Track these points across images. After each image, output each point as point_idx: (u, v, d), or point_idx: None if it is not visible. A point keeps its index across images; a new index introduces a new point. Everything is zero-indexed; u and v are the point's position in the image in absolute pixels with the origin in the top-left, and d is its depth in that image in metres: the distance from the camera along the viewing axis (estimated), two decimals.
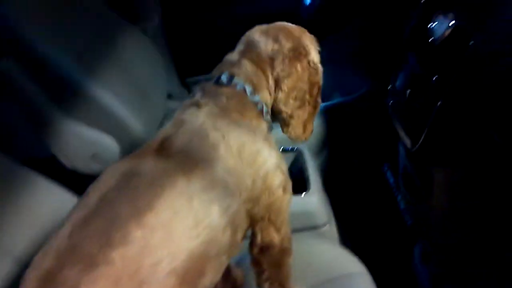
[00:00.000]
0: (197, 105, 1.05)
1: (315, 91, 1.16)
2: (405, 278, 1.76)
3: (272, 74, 1.13)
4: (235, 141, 0.99)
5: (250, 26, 1.21)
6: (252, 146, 1.01)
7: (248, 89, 1.09)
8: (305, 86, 1.13)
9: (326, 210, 1.46)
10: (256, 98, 1.10)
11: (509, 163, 1.04)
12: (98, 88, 1.61)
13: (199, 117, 1.02)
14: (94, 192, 0.89)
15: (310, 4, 2.19)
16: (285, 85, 1.11)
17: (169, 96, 2.43)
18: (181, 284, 0.84)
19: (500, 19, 1.08)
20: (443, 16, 1.25)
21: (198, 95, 1.09)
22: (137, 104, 1.83)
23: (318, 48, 1.21)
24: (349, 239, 1.61)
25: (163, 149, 0.97)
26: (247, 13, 2.57)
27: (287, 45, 1.13)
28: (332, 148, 2.03)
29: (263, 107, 1.11)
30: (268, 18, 1.16)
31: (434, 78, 1.24)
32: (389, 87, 1.55)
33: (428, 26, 1.29)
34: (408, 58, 1.42)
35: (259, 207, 1.02)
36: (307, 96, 1.14)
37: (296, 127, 1.15)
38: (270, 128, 1.13)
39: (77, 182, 1.58)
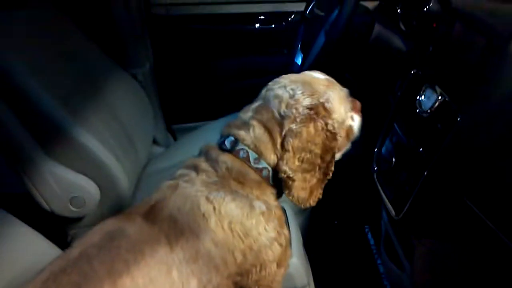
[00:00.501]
0: (196, 169, 1.04)
1: (328, 157, 1.06)
2: None
3: (280, 134, 1.04)
4: (227, 214, 0.97)
5: (239, 79, 1.20)
6: (245, 221, 0.98)
7: (252, 156, 1.04)
8: (317, 149, 1.03)
9: (305, 271, 1.44)
10: (261, 164, 1.04)
11: (489, 239, 1.04)
12: (82, 131, 1.60)
13: (195, 185, 1.01)
14: (77, 247, 0.90)
15: (301, 64, 2.24)
16: (290, 144, 1.01)
17: (154, 141, 2.43)
18: None
19: (486, 97, 1.11)
20: (431, 89, 1.28)
21: (200, 159, 1.08)
22: (121, 149, 1.82)
23: (350, 107, 1.18)
24: None
25: (152, 213, 0.97)
26: (238, 67, 2.62)
27: (304, 101, 1.05)
28: (314, 207, 2.02)
29: (269, 172, 1.05)
30: (258, 74, 1.18)
31: (420, 149, 1.26)
32: (374, 153, 1.56)
33: (417, 98, 1.32)
34: (395, 126, 1.44)
35: (248, 279, 0.99)
36: (319, 161, 1.04)
37: (299, 190, 1.04)
38: (279, 192, 1.09)
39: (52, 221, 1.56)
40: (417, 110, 1.31)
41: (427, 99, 1.28)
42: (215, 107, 2.59)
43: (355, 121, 1.21)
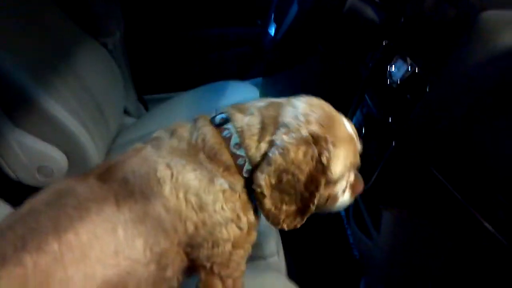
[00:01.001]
0: (172, 133, 1.02)
1: (312, 188, 0.96)
2: None
3: (270, 135, 0.97)
4: (184, 184, 0.94)
5: (212, 50, 1.16)
6: (202, 194, 0.94)
7: (234, 140, 0.98)
8: (301, 176, 0.94)
9: (274, 240, 1.45)
10: (240, 152, 0.98)
11: (454, 208, 1.07)
12: (50, 100, 1.57)
13: (160, 149, 0.98)
14: (27, 204, 0.91)
15: (274, 35, 2.22)
16: (273, 159, 0.93)
17: (125, 112, 2.40)
18: None
19: (455, 69, 1.12)
20: (402, 60, 1.29)
21: (186, 124, 1.04)
22: (91, 119, 1.80)
23: (349, 179, 1.06)
24: (296, 271, 1.60)
25: (107, 173, 0.95)
26: (211, 38, 2.59)
27: (313, 126, 0.96)
28: None
29: (245, 163, 0.98)
30: (230, 43, 1.15)
31: (389, 120, 1.27)
32: None
33: (388, 69, 1.32)
34: (366, 97, 1.45)
35: (199, 254, 0.97)
36: (302, 188, 0.95)
37: (271, 207, 0.97)
38: (249, 188, 1.00)
39: (20, 193, 1.53)
40: (388, 81, 1.32)
41: (398, 70, 1.28)
42: (188, 78, 2.57)
43: (343, 197, 1.08)
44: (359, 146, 1.06)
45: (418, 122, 1.17)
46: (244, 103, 1.06)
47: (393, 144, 1.22)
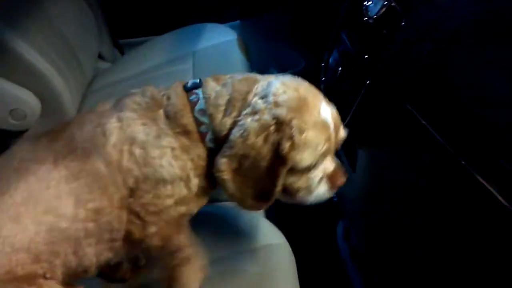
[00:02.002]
0: (143, 93, 0.99)
1: (272, 176, 0.91)
2: (327, 253, 1.81)
3: (237, 113, 0.93)
4: (130, 136, 0.92)
5: None
6: (149, 149, 0.92)
7: (200, 105, 0.96)
8: (262, 163, 0.90)
9: None
10: (203, 118, 0.95)
11: (429, 145, 1.07)
12: (22, 43, 1.54)
13: (120, 105, 0.97)
14: None
15: None
16: (234, 143, 0.90)
17: (100, 57, 2.35)
18: (33, 261, 0.86)
19: (430, 2, 1.10)
20: None
21: (158, 88, 1.01)
22: (64, 63, 1.76)
23: (326, 170, 1.00)
24: (274, 211, 1.62)
25: (58, 133, 0.95)
26: None
27: (278, 110, 0.90)
28: None
29: (207, 132, 0.96)
30: None
31: (365, 56, 1.26)
32: (322, 65, 1.55)
33: (364, 4, 1.30)
34: (342, 35, 1.43)
35: (138, 203, 0.94)
36: (263, 175, 0.91)
37: (232, 190, 0.94)
38: (211, 159, 0.96)
39: None
40: (364, 17, 1.30)
41: (374, 5, 1.26)
42: (164, 21, 2.50)
43: (319, 188, 1.01)
44: (341, 133, 1.02)
45: (394, 57, 1.16)
46: (224, 75, 1.01)
47: (368, 81, 1.21)
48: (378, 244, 1.52)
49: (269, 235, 1.24)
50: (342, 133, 1.02)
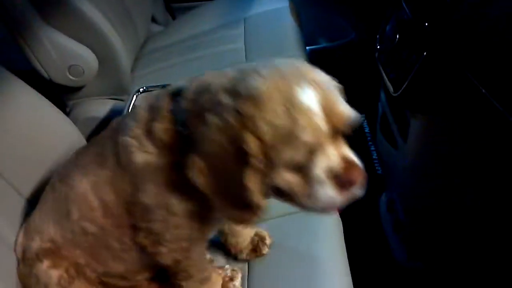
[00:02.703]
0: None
1: (240, 178, 0.76)
2: (369, 224, 1.81)
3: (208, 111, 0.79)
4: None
5: None
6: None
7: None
8: (229, 162, 0.77)
9: None
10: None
11: (486, 112, 1.05)
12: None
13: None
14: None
15: None
16: (200, 141, 0.79)
17: (153, 20, 2.38)
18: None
19: None
20: None
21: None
22: (120, 22, 1.79)
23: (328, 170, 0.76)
24: None
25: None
26: None
27: (242, 103, 0.75)
28: None
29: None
30: None
31: (426, 24, 1.23)
32: (378, 33, 1.53)
33: None
34: (402, 3, 1.40)
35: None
36: (235, 178, 0.77)
37: (212, 196, 0.82)
38: None
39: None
40: None
41: None
42: None
43: (323, 191, 0.77)
44: (340, 116, 0.76)
45: (456, 25, 1.13)
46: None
47: (428, 48, 1.19)
48: (425, 217, 1.51)
49: None
50: (344, 115, 0.77)
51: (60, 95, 1.75)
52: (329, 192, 0.76)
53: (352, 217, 1.34)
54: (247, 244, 1.15)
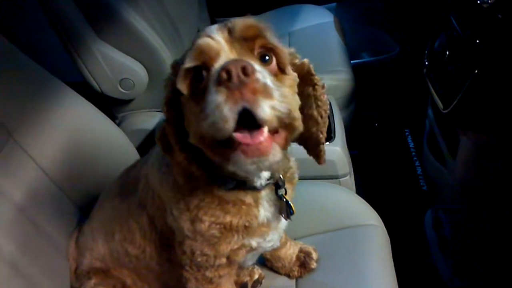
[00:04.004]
0: None
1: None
2: (416, 239, 1.79)
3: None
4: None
5: None
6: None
7: None
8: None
9: (347, 163, 1.47)
10: None
11: None
12: (133, 13, 1.60)
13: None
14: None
15: None
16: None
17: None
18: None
19: None
20: None
21: None
22: (168, 36, 1.83)
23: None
24: (364, 194, 1.62)
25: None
26: None
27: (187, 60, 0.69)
28: (358, 105, 2.03)
29: None
30: None
31: (477, 41, 1.22)
32: (426, 48, 1.52)
33: None
34: (451, 19, 1.39)
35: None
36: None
37: None
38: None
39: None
40: (478, 1, 1.26)
41: None
42: (260, 1, 2.53)
43: (209, 98, 0.64)
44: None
45: (509, 42, 1.12)
46: None
47: (480, 65, 1.18)
48: (472, 236, 1.48)
49: (366, 216, 1.25)
50: (243, 23, 0.69)
51: (110, 108, 1.79)
52: (211, 96, 0.63)
53: (397, 232, 1.33)
54: (294, 262, 1.15)
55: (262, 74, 0.63)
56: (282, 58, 0.73)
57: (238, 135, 0.62)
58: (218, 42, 0.68)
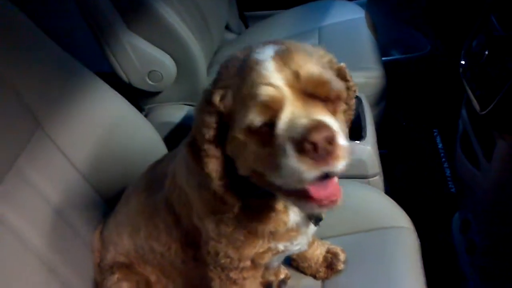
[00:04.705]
0: None
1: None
2: (442, 241, 1.75)
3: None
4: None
5: None
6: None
7: None
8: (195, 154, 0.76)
9: (377, 163, 1.44)
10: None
11: None
12: (165, 7, 1.60)
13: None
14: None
15: None
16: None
17: (227, 28, 2.40)
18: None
19: None
20: None
21: None
22: (198, 29, 1.82)
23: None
24: (392, 194, 1.59)
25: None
26: None
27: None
28: (389, 103, 1.99)
29: None
30: None
31: None
32: (463, 47, 1.47)
33: None
34: (491, 18, 1.34)
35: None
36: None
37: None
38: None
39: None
40: None
41: None
42: None
43: (286, 166, 0.64)
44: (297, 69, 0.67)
45: None
46: None
47: None
48: (503, 242, 1.44)
49: (396, 217, 1.22)
50: (310, 75, 0.67)
51: (137, 99, 1.79)
52: (291, 160, 0.63)
53: (424, 234, 1.30)
54: (321, 263, 1.13)
55: (339, 133, 0.64)
56: (342, 99, 0.73)
57: (313, 190, 0.66)
58: (282, 92, 0.65)
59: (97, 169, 1.17)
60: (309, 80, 0.66)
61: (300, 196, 0.68)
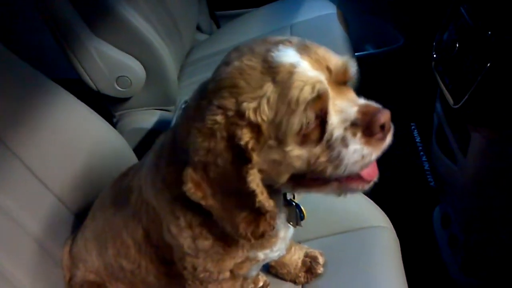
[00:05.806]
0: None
1: (242, 177, 0.67)
2: (423, 236, 1.75)
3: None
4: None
5: None
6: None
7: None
8: (226, 165, 0.67)
9: None
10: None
11: None
12: (130, 9, 1.56)
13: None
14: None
15: None
16: (190, 151, 0.70)
17: (198, 28, 2.37)
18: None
19: None
20: None
21: None
22: (167, 32, 1.79)
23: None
24: (371, 191, 1.58)
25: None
26: None
27: (217, 98, 0.67)
28: (364, 98, 1.97)
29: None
30: None
31: (489, 33, 1.16)
32: (434, 40, 1.46)
33: None
34: (461, 10, 1.33)
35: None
36: (234, 180, 0.68)
37: (220, 220, 0.74)
38: None
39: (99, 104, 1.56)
40: None
41: None
42: None
43: (348, 151, 0.66)
44: (332, 62, 0.68)
45: None
46: None
47: (492, 58, 1.12)
48: (483, 233, 1.44)
49: (374, 217, 1.20)
50: (339, 63, 0.69)
51: (107, 106, 1.75)
52: (354, 146, 0.65)
53: (404, 230, 1.29)
54: (300, 267, 1.11)
55: None
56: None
57: (364, 173, 0.71)
58: (326, 87, 0.66)
59: (63, 181, 1.13)
60: (338, 70, 0.68)
61: (348, 180, 0.71)
